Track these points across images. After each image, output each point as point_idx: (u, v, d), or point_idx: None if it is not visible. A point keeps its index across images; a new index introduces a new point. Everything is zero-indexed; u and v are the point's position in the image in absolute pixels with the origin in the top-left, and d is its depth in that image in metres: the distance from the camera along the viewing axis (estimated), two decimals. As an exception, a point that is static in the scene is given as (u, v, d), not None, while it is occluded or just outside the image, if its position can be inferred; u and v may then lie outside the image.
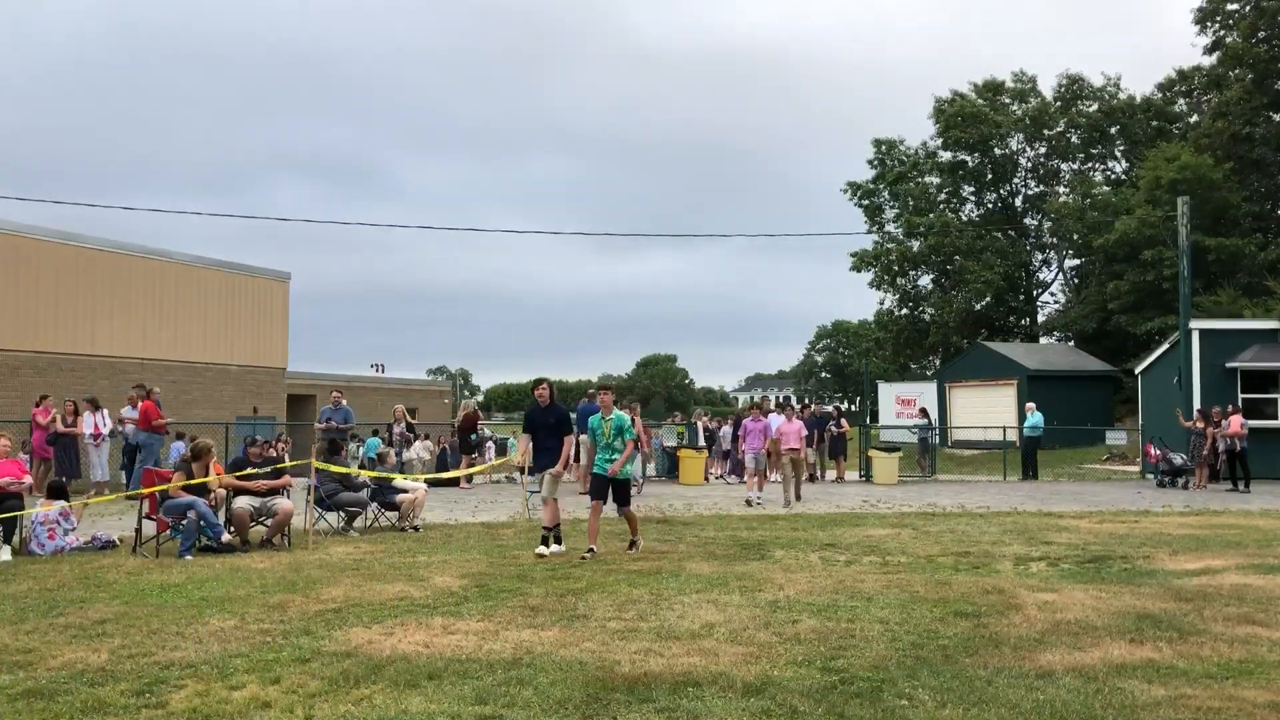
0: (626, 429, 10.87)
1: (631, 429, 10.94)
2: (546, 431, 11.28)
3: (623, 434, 10.83)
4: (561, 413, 11.37)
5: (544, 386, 11.42)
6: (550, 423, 11.28)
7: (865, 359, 52.91)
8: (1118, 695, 5.30)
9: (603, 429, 10.94)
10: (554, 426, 11.28)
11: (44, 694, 5.37)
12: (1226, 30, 42.60)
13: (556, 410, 11.41)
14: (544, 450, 11.24)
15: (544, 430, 11.30)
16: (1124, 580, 8.92)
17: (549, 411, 11.36)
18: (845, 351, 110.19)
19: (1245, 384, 23.19)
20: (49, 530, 11.05)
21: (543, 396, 11.37)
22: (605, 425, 10.93)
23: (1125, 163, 51.29)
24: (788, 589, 8.40)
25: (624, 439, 10.81)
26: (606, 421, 10.92)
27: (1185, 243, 24.02)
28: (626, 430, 10.85)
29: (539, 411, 11.41)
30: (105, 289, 25.81)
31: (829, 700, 5.21)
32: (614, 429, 10.86)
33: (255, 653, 6.26)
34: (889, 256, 52.03)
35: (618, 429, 10.85)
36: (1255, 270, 37.79)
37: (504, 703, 5.17)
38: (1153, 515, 15.04)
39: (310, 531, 11.89)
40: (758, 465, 17.07)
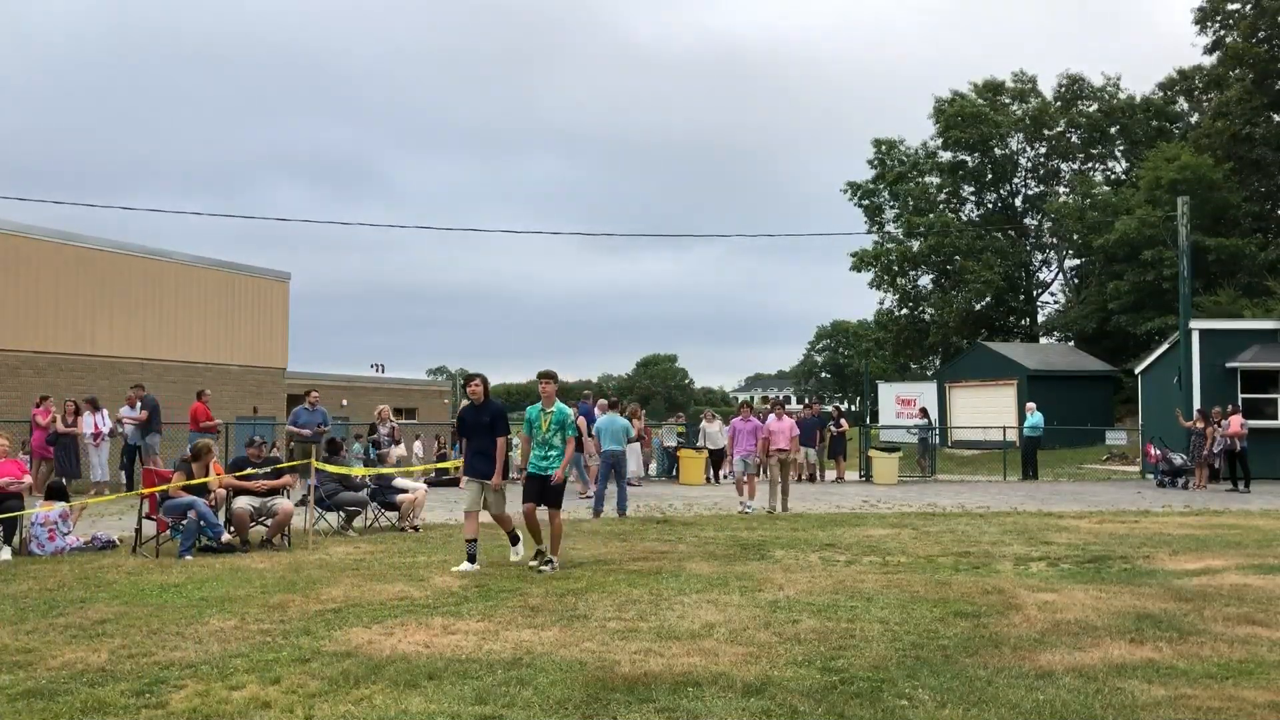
0: (569, 425, 9.77)
1: (574, 425, 9.83)
2: (480, 433, 9.92)
3: (564, 430, 9.73)
4: (497, 410, 10.01)
5: (476, 383, 10.05)
6: (484, 422, 9.90)
7: (865, 359, 52.93)
8: (1118, 695, 5.30)
9: (541, 423, 9.76)
10: (488, 427, 9.90)
11: (44, 694, 5.37)
12: (1226, 30, 42.62)
13: (491, 408, 10.01)
14: (476, 454, 9.89)
15: (477, 432, 9.94)
16: (1124, 580, 8.92)
17: (483, 410, 9.96)
18: (845, 351, 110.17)
19: (1245, 384, 23.19)
20: (49, 531, 11.05)
21: (475, 393, 10.01)
22: (544, 419, 9.74)
23: (1125, 163, 51.33)
24: (788, 589, 8.40)
25: (565, 436, 9.73)
26: (546, 415, 9.76)
27: (1185, 243, 24.02)
28: (569, 426, 9.76)
29: (471, 411, 10.04)
30: (105, 289, 25.80)
31: (829, 700, 5.21)
32: (554, 424, 9.72)
33: (255, 653, 6.26)
34: (889, 256, 52.05)
35: (559, 424, 9.73)
36: (1255, 270, 37.79)
37: (504, 703, 5.17)
38: (1153, 515, 15.04)
39: (310, 531, 11.89)
40: (747, 470, 15.84)
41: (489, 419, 9.85)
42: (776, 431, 15.95)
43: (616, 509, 14.77)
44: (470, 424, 9.99)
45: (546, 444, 9.70)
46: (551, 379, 9.93)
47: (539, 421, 9.77)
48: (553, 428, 9.70)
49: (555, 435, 9.70)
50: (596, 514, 14.66)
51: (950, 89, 52.58)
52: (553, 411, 9.75)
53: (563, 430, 9.74)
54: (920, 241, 50.77)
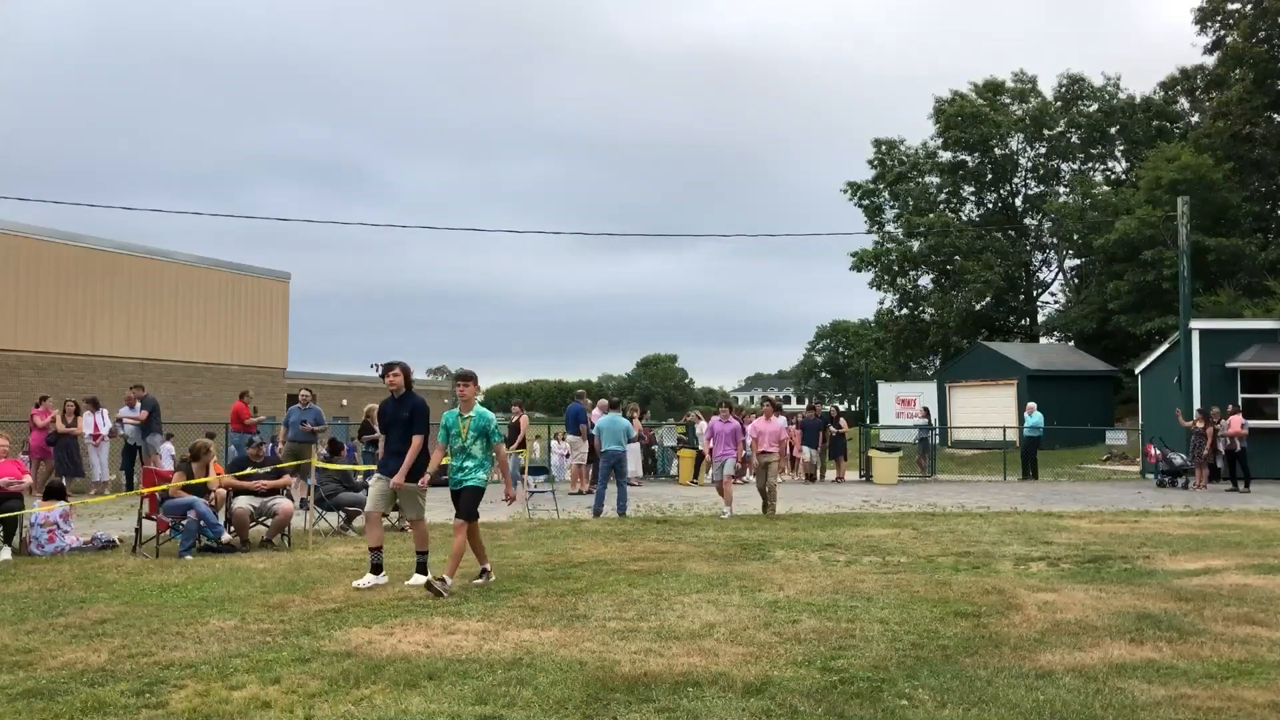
0: (492, 431, 8.74)
1: (499, 432, 8.87)
2: (398, 429, 8.93)
3: (487, 437, 8.71)
4: (416, 404, 8.97)
5: (396, 372, 9.03)
6: (403, 418, 8.89)
7: (865, 359, 52.92)
8: (1118, 695, 5.30)
9: (459, 429, 8.71)
10: (405, 423, 8.86)
11: (44, 694, 5.37)
12: (1227, 30, 42.62)
13: (411, 402, 8.97)
14: (392, 454, 8.88)
15: (395, 427, 8.95)
16: (1124, 580, 8.92)
17: (401, 404, 8.97)
18: (845, 351, 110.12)
19: (1245, 384, 23.19)
20: (49, 532, 11.05)
21: (394, 384, 9.02)
22: (462, 424, 8.70)
23: (1125, 163, 51.37)
24: (788, 589, 8.40)
25: (489, 443, 8.73)
26: (465, 420, 8.70)
27: (1185, 243, 24.02)
28: (493, 432, 8.74)
29: (391, 404, 9.07)
30: (105, 289, 25.79)
31: (829, 700, 5.21)
32: (474, 430, 8.66)
33: (255, 653, 6.26)
34: (889, 256, 52.07)
35: (479, 430, 8.67)
36: (1255, 270, 37.80)
37: (504, 703, 5.17)
38: (1153, 515, 15.04)
39: (310, 531, 11.89)
40: (726, 474, 14.95)
41: (408, 414, 8.90)
42: (763, 433, 15.09)
43: (616, 509, 14.77)
44: (390, 418, 9.02)
45: (465, 453, 8.66)
46: (471, 381, 8.88)
47: (456, 428, 8.74)
48: (472, 435, 8.67)
49: (476, 443, 8.66)
50: (596, 514, 14.66)
51: (950, 89, 52.70)
52: (472, 416, 8.71)
53: (485, 437, 8.71)
54: (920, 241, 50.80)
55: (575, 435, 19.69)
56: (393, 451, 8.88)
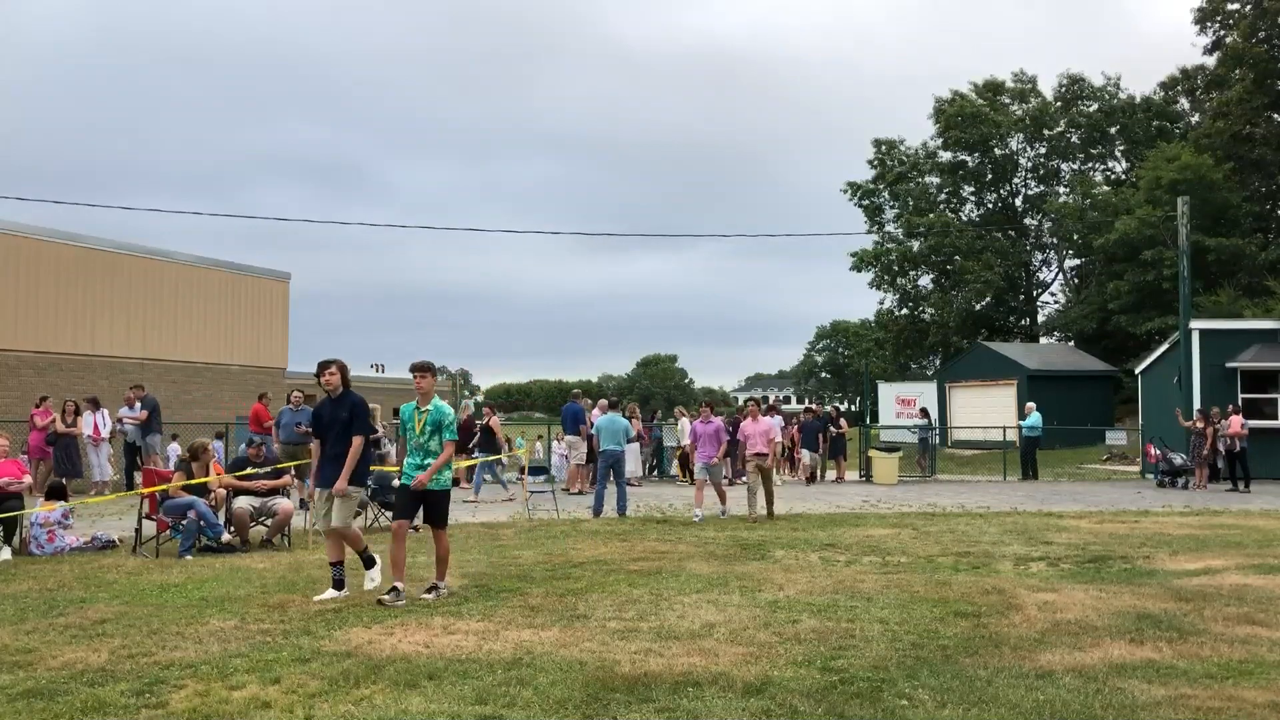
0: (447, 425, 8.28)
1: (453, 427, 8.34)
2: (336, 431, 8.26)
3: (441, 432, 8.27)
4: (357, 404, 8.35)
5: (332, 370, 8.35)
6: (341, 418, 8.26)
7: (865, 359, 52.92)
8: (1118, 695, 5.30)
9: (414, 423, 8.28)
10: (344, 425, 8.23)
11: (44, 694, 5.37)
12: (1226, 30, 42.62)
13: (349, 401, 8.34)
14: (330, 459, 8.24)
15: (333, 429, 8.29)
16: (1124, 580, 8.92)
17: (340, 404, 8.32)
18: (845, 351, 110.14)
19: (1245, 384, 23.18)
20: (49, 532, 11.05)
21: (331, 384, 8.35)
22: (418, 419, 8.26)
23: (1125, 163, 51.36)
24: (788, 589, 8.40)
25: (442, 439, 8.27)
26: (421, 414, 8.27)
27: (1185, 243, 24.02)
28: (447, 427, 8.28)
29: (329, 405, 8.40)
30: (105, 289, 25.80)
31: (829, 700, 5.21)
32: (429, 424, 8.25)
33: (255, 653, 6.26)
34: (889, 256, 52.06)
35: (435, 425, 8.26)
36: (1255, 270, 37.79)
37: (504, 703, 5.17)
38: (1153, 515, 15.03)
39: (310, 531, 11.89)
40: (711, 477, 14.43)
41: (347, 415, 8.26)
42: (752, 435, 14.47)
43: (616, 509, 14.77)
44: (327, 421, 8.36)
45: (422, 449, 8.25)
46: (427, 372, 8.38)
47: (412, 422, 8.31)
48: (428, 429, 8.23)
49: (432, 439, 8.24)
50: (596, 514, 14.66)
51: (950, 89, 52.69)
52: (429, 410, 8.27)
53: (440, 432, 8.25)
54: (920, 241, 50.80)
55: (573, 435, 19.65)
56: (331, 456, 8.25)
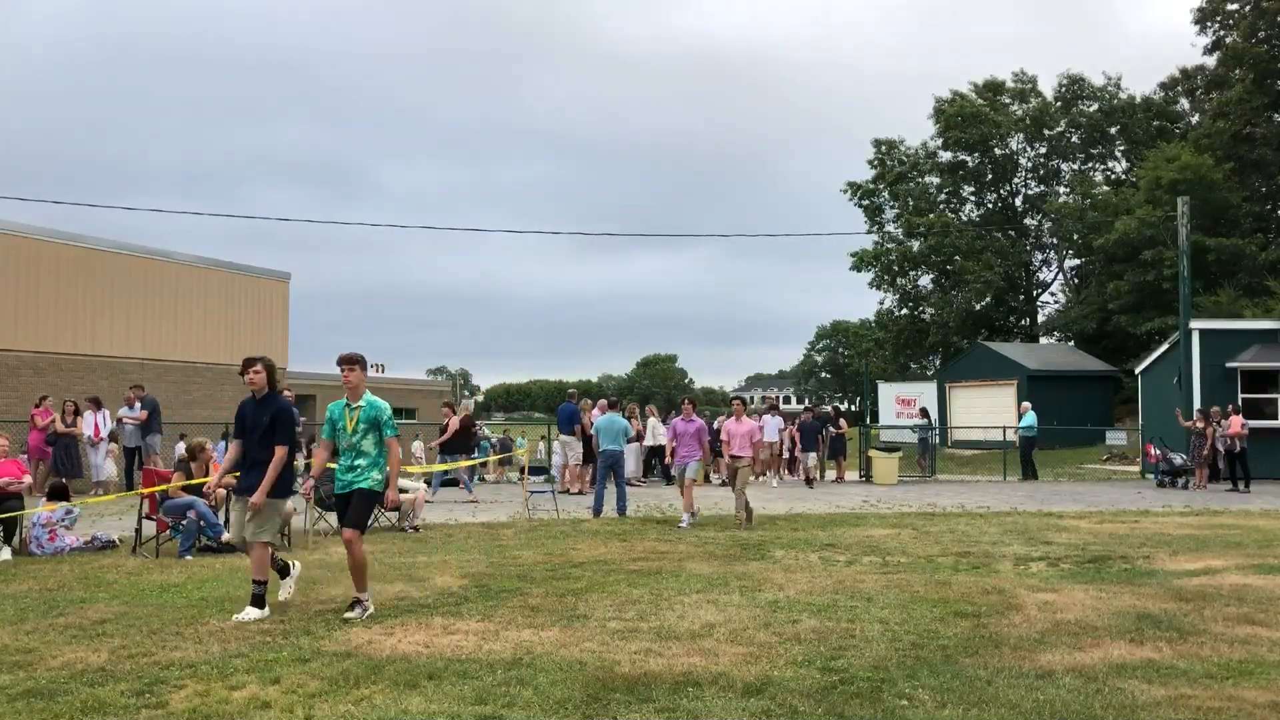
0: (385, 422, 7.52)
1: (392, 423, 7.54)
2: (258, 435, 7.52)
3: (378, 430, 7.51)
4: (281, 409, 7.63)
5: (257, 369, 7.62)
6: (264, 423, 7.50)
7: (865, 359, 52.92)
8: (1118, 695, 5.30)
9: (346, 422, 7.52)
10: (265, 430, 7.49)
11: (44, 694, 5.37)
12: (1226, 30, 42.62)
13: (274, 404, 7.61)
14: (253, 465, 7.50)
15: (254, 433, 7.53)
16: (1124, 580, 8.92)
17: (264, 406, 7.59)
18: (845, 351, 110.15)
19: (1245, 384, 23.19)
20: (49, 533, 11.05)
21: (255, 383, 7.62)
22: (349, 417, 7.51)
23: (1125, 163, 51.38)
24: (788, 589, 8.40)
25: (382, 437, 7.52)
26: (353, 411, 7.52)
27: (1185, 243, 24.02)
28: (386, 424, 7.52)
29: (251, 406, 7.65)
30: (105, 289, 25.78)
31: (829, 700, 5.21)
32: (363, 423, 7.48)
33: (255, 653, 6.26)
34: (889, 256, 52.06)
35: (369, 423, 7.49)
36: (1255, 270, 37.80)
37: (504, 703, 5.17)
38: (1153, 515, 15.03)
39: (310, 531, 11.89)
40: (689, 477, 13.71)
41: (269, 419, 7.51)
42: (734, 434, 13.64)
43: (616, 509, 14.76)
44: (249, 424, 7.60)
45: (355, 450, 7.49)
46: (356, 364, 7.59)
47: (343, 421, 7.55)
48: (362, 428, 7.48)
49: (366, 438, 7.48)
50: (596, 514, 14.65)
51: (950, 89, 52.69)
52: (361, 406, 7.53)
53: (377, 430, 7.51)
54: (920, 241, 50.81)
55: (568, 435, 19.58)
56: (254, 461, 7.50)
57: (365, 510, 7.54)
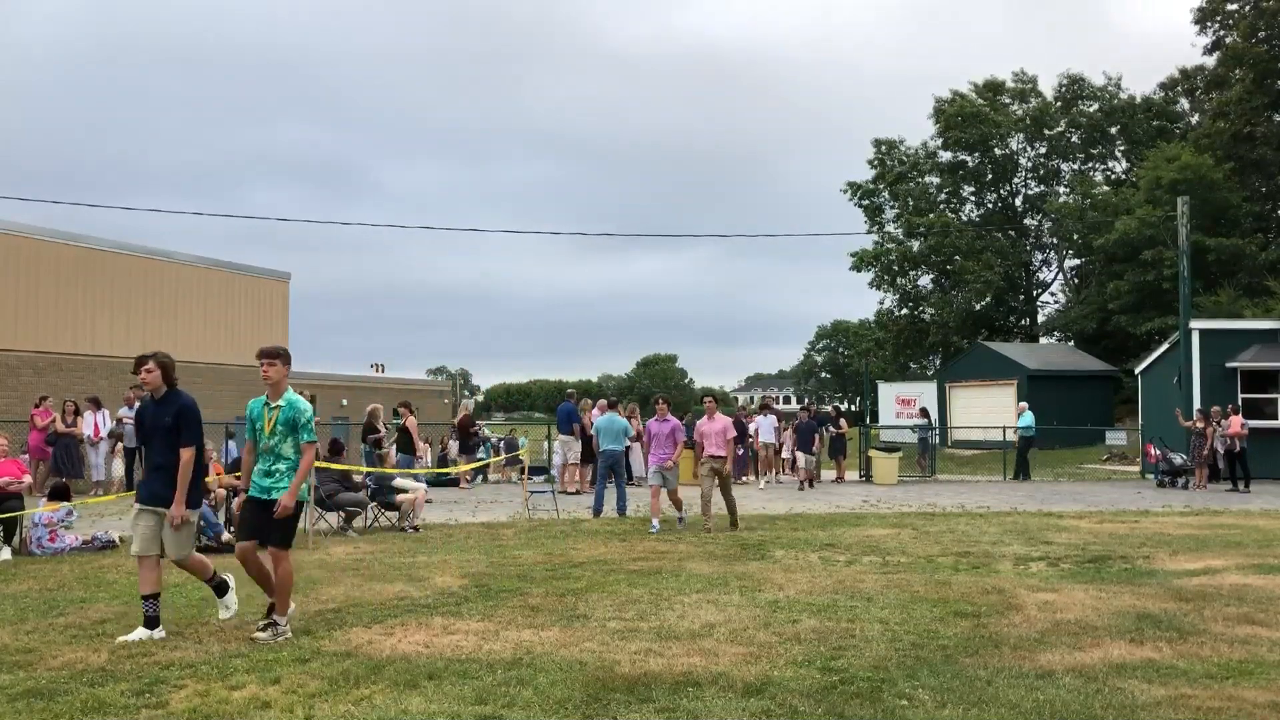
0: (304, 424, 6.87)
1: (311, 426, 6.93)
2: (159, 440, 6.85)
3: (296, 432, 6.87)
4: (184, 407, 6.86)
5: (149, 366, 6.85)
6: (165, 424, 6.81)
7: (865, 359, 52.91)
8: (1118, 695, 5.30)
9: (264, 423, 6.89)
10: (167, 432, 6.81)
11: (44, 694, 5.37)
12: (1226, 30, 42.61)
13: (176, 403, 6.86)
14: (155, 470, 6.84)
15: (155, 437, 6.87)
16: (1124, 580, 8.92)
17: (164, 407, 6.86)
18: (845, 351, 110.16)
19: (1245, 384, 23.19)
20: (50, 533, 11.05)
21: (150, 382, 6.89)
22: (268, 417, 6.88)
23: (1125, 163, 51.35)
24: (788, 589, 8.40)
25: (299, 440, 6.87)
26: (272, 410, 6.88)
27: (1185, 243, 24.02)
28: (304, 426, 6.87)
29: (150, 407, 6.95)
30: (105, 289, 25.79)
31: (829, 700, 5.21)
32: (281, 424, 6.85)
33: (255, 653, 6.26)
34: (889, 256, 52.05)
35: (288, 423, 6.86)
36: (1255, 270, 37.79)
37: (504, 703, 5.17)
38: (1153, 515, 15.03)
39: (310, 531, 11.89)
40: (666, 482, 13.15)
41: (171, 420, 6.81)
42: (707, 434, 12.98)
43: (616, 509, 14.76)
44: (149, 425, 6.92)
45: (273, 453, 6.86)
46: (275, 359, 6.94)
47: (261, 422, 6.91)
48: (280, 429, 6.86)
49: (286, 441, 6.86)
50: (596, 514, 14.65)
51: (950, 89, 52.68)
52: (280, 406, 6.89)
53: (294, 432, 6.87)
54: (920, 241, 50.77)
55: (567, 435, 19.56)
56: (155, 467, 6.85)
57: (289, 524, 6.84)
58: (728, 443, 13.02)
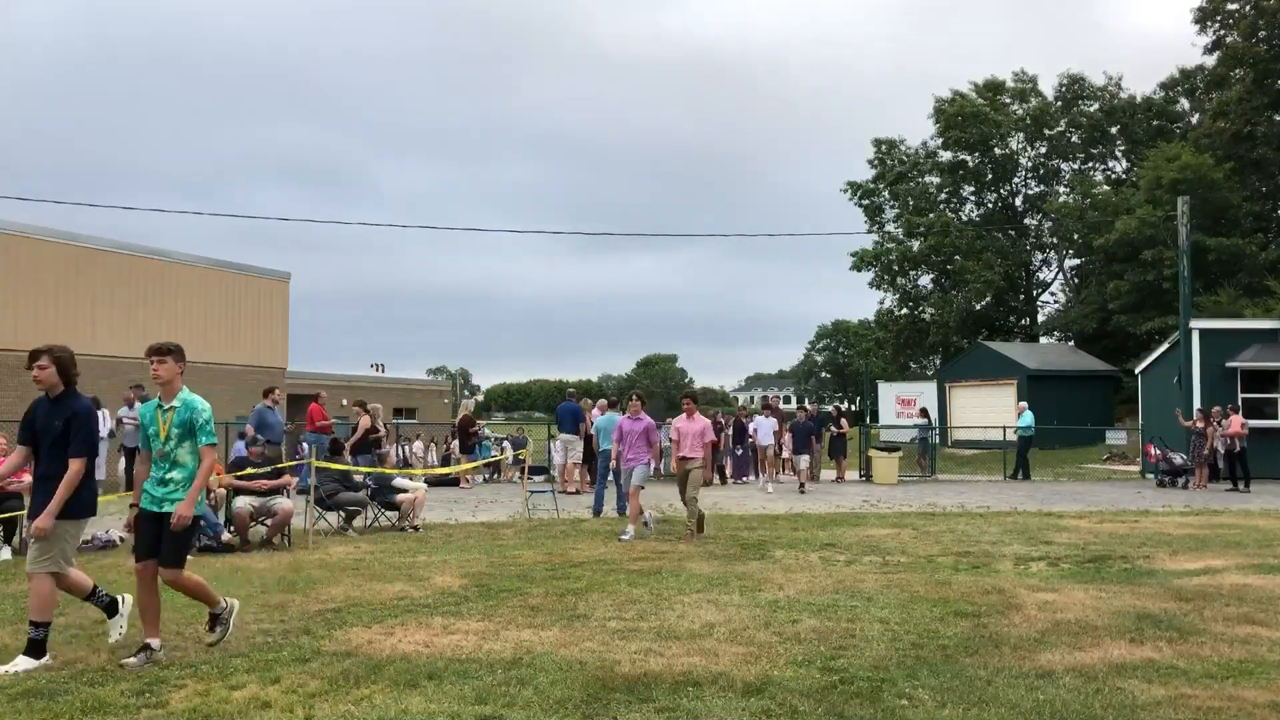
0: (201, 426, 6.19)
1: (210, 428, 6.23)
2: (48, 445, 6.13)
3: (194, 436, 6.20)
4: (78, 411, 6.11)
5: (42, 363, 6.12)
6: (55, 429, 6.09)
7: (865, 359, 52.91)
8: (1118, 695, 5.30)
9: (158, 426, 6.19)
10: (57, 438, 6.09)
11: (44, 694, 5.37)
12: (1227, 30, 42.61)
13: (71, 407, 6.13)
14: (43, 480, 6.15)
15: (45, 441, 6.14)
16: (1124, 580, 8.92)
17: (58, 408, 6.14)
18: (845, 351, 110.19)
19: (1245, 384, 23.19)
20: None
21: (43, 380, 6.15)
22: (162, 420, 6.18)
23: (1125, 162, 51.36)
24: (788, 589, 8.40)
25: (196, 445, 6.20)
26: (166, 413, 6.19)
27: (1185, 243, 24.02)
28: (202, 429, 6.20)
29: (44, 407, 6.20)
30: (105, 289, 25.81)
31: (829, 700, 5.21)
32: (176, 427, 6.17)
33: (255, 653, 6.26)
34: (889, 256, 52.05)
35: (184, 425, 6.17)
36: (1255, 270, 37.79)
37: (504, 703, 5.17)
38: (1153, 515, 15.03)
39: (310, 531, 11.89)
40: (634, 484, 12.54)
41: (62, 424, 6.08)
42: (684, 433, 12.34)
43: (616, 509, 14.76)
44: (39, 428, 6.16)
45: (168, 460, 6.17)
46: (167, 355, 6.23)
47: (155, 426, 6.22)
48: (175, 434, 6.17)
49: (182, 446, 6.18)
50: (596, 514, 14.65)
51: (950, 89, 52.68)
52: (175, 407, 6.20)
53: (191, 436, 6.20)
54: (920, 241, 50.77)
55: (570, 434, 19.52)
56: (42, 476, 6.15)
57: (183, 540, 6.15)
58: (705, 445, 12.32)
